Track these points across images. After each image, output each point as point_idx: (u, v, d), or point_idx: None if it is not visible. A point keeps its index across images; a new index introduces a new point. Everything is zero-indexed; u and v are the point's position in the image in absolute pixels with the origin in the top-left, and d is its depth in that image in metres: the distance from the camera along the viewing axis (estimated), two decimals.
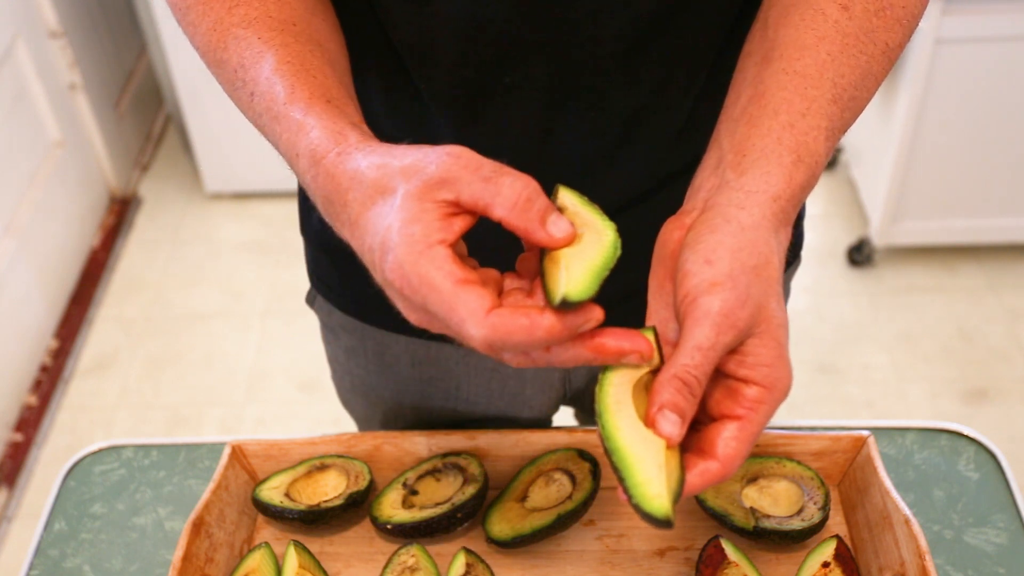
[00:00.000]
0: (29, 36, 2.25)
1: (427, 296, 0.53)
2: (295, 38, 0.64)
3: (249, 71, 0.63)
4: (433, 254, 0.53)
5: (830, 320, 2.30)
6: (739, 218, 0.58)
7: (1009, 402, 2.11)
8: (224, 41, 0.65)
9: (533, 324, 0.52)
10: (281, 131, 0.61)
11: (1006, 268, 2.38)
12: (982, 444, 0.89)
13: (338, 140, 0.58)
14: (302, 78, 0.62)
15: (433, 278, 0.53)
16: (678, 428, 0.55)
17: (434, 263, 0.53)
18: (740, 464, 0.57)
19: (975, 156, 2.16)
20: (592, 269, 0.54)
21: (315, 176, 0.58)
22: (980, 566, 0.80)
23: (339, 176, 0.57)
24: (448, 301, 0.53)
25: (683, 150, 0.77)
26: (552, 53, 0.70)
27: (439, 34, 0.69)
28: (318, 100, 0.61)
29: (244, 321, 2.38)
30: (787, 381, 0.57)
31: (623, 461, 0.55)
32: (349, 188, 0.56)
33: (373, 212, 0.55)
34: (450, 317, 0.53)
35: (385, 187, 0.55)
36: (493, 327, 0.52)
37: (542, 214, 0.54)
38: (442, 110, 0.75)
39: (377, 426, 1.03)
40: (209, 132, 2.52)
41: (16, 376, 2.14)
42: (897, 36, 0.65)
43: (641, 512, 0.54)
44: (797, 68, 0.62)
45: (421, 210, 0.54)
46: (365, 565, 0.82)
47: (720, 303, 0.55)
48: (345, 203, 0.57)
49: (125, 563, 0.84)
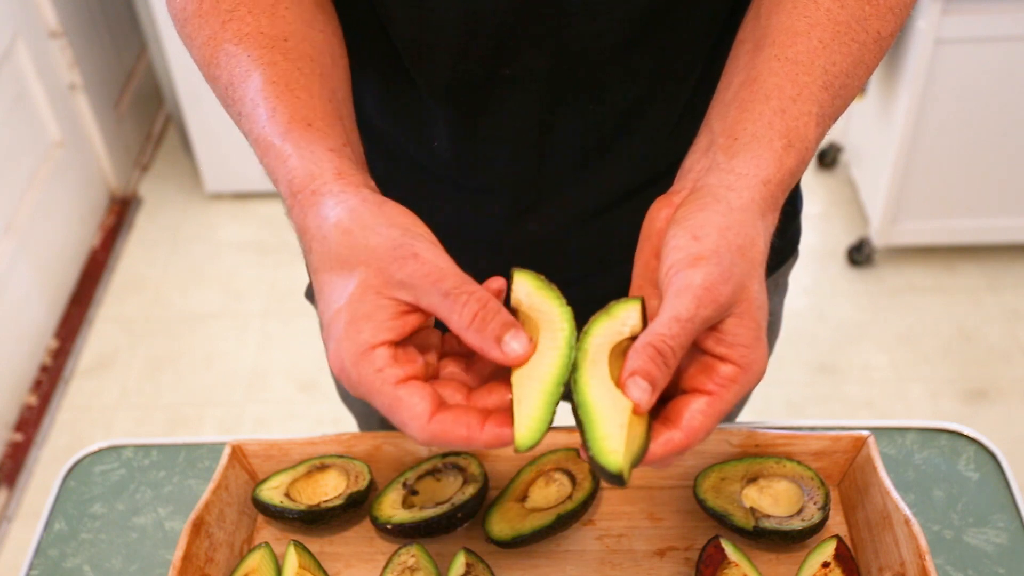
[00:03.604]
0: (29, 36, 2.25)
1: (368, 395, 0.56)
2: (284, 56, 0.64)
3: (237, 90, 0.64)
4: (374, 357, 0.55)
5: (830, 320, 2.30)
6: (728, 199, 0.59)
7: (1009, 402, 2.11)
8: (216, 57, 0.65)
9: (471, 437, 0.55)
10: (262, 155, 0.62)
11: (1006, 268, 2.38)
12: (982, 444, 0.89)
13: (313, 176, 0.59)
14: (284, 100, 0.62)
15: (373, 382, 0.55)
16: (647, 395, 0.55)
17: (374, 365, 0.55)
18: (703, 438, 0.57)
19: (975, 156, 2.16)
20: (545, 393, 0.56)
21: (291, 208, 0.60)
22: (980, 566, 0.80)
23: (308, 222, 0.59)
24: (390, 403, 0.55)
25: (681, 141, 0.77)
26: (550, 46, 0.70)
27: (437, 28, 0.70)
28: (298, 124, 0.61)
29: (244, 321, 2.38)
30: (762, 364, 0.58)
31: (587, 415, 0.56)
32: (313, 239, 0.58)
33: (331, 279, 0.57)
34: (392, 416, 0.56)
35: (346, 262, 0.57)
36: (433, 434, 0.55)
37: (497, 334, 0.55)
38: (440, 105, 0.75)
39: (377, 422, 1.03)
40: (209, 132, 2.52)
41: (16, 376, 2.14)
42: (889, 25, 0.65)
43: (595, 465, 0.54)
44: (789, 55, 0.62)
45: (375, 307, 0.55)
46: (365, 565, 0.82)
47: (703, 276, 0.55)
48: (310, 250, 0.59)
49: (125, 563, 0.84)
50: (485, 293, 0.56)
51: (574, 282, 0.76)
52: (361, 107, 0.80)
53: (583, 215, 0.82)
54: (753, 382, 0.58)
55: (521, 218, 0.81)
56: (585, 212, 0.82)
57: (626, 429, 0.54)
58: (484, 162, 0.78)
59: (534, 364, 0.57)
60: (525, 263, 0.83)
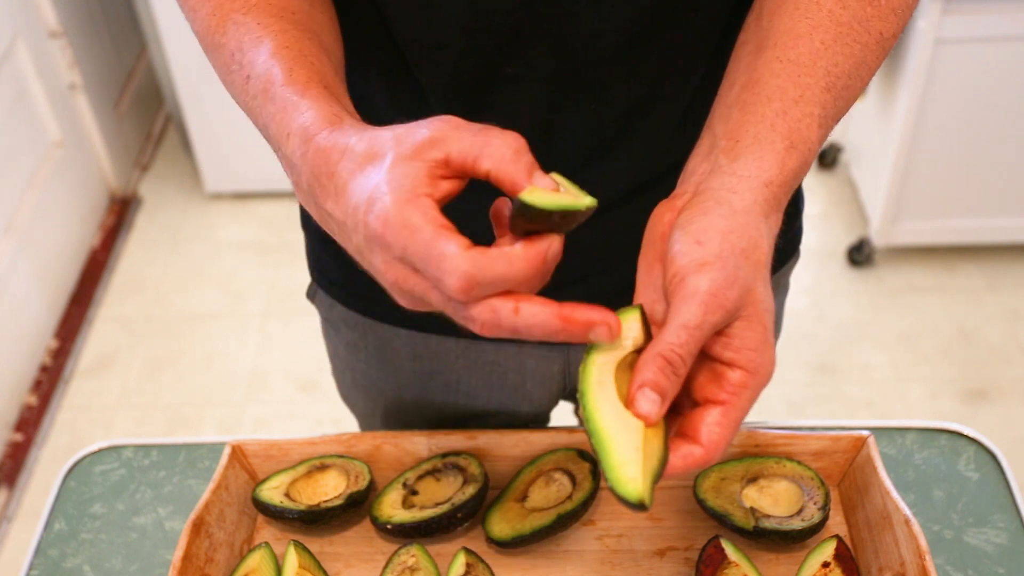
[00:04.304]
0: (29, 36, 2.25)
1: (407, 241, 0.53)
2: (294, 25, 0.65)
3: (247, 54, 0.63)
4: (419, 203, 0.54)
5: (830, 320, 2.30)
6: (731, 201, 0.59)
7: (1009, 402, 2.11)
8: (223, 26, 0.65)
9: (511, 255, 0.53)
10: (275, 111, 0.61)
11: (1006, 268, 2.38)
12: (982, 444, 0.89)
13: (332, 121, 0.59)
14: (300, 63, 0.62)
15: (416, 222, 0.53)
16: (657, 407, 0.55)
17: (419, 209, 0.53)
18: (724, 450, 0.57)
19: (975, 156, 2.16)
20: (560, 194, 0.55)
21: (304, 153, 0.59)
22: (980, 566, 0.80)
23: (330, 150, 0.57)
24: (428, 242, 0.53)
25: (683, 141, 0.77)
26: (553, 44, 0.70)
27: (441, 26, 0.70)
28: (315, 84, 0.61)
29: (244, 321, 2.38)
30: (770, 367, 0.58)
31: (600, 443, 0.55)
32: (340, 159, 0.57)
33: (362, 176, 0.56)
34: (429, 259, 0.53)
35: (375, 154, 0.56)
36: (473, 260, 0.52)
37: (529, 168, 0.55)
38: (443, 103, 0.75)
39: (378, 421, 1.03)
40: (209, 132, 2.52)
41: (16, 376, 2.14)
42: (891, 26, 0.65)
43: (616, 494, 0.54)
44: (791, 56, 0.62)
45: (411, 167, 0.54)
46: (365, 565, 0.82)
47: (709, 282, 0.55)
48: (333, 174, 0.57)
49: (125, 563, 0.84)
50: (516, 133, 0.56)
51: (576, 281, 0.76)
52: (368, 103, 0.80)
53: None
54: (763, 385, 0.58)
55: None
56: None
57: (642, 451, 0.54)
58: None
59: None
60: None
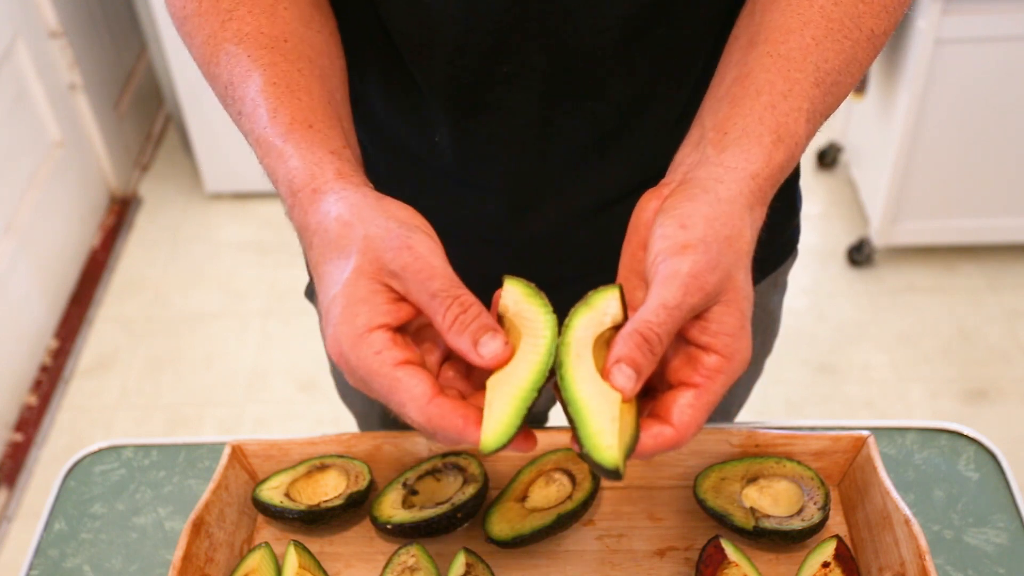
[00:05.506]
0: (29, 36, 2.25)
1: (366, 377, 0.56)
2: (284, 56, 0.65)
3: (237, 89, 0.64)
4: (372, 339, 0.55)
5: (830, 320, 2.30)
6: (717, 190, 0.60)
7: (1009, 402, 2.11)
8: (216, 56, 0.66)
9: (466, 427, 0.55)
10: (262, 155, 0.63)
11: (1006, 268, 2.38)
12: (982, 444, 0.89)
13: (314, 176, 0.60)
14: (286, 101, 0.63)
15: (371, 363, 0.55)
16: (632, 383, 0.55)
17: (372, 348, 0.55)
18: (695, 432, 0.57)
19: (975, 156, 2.16)
20: (516, 398, 0.56)
21: (291, 207, 0.61)
22: (980, 566, 0.80)
23: (308, 219, 0.60)
24: (389, 384, 0.55)
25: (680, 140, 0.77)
26: (549, 42, 0.70)
27: (437, 24, 0.70)
28: (299, 125, 0.62)
29: (244, 321, 2.38)
30: (746, 354, 0.58)
31: (578, 411, 0.55)
32: (315, 234, 0.59)
33: (329, 267, 0.58)
34: (391, 398, 0.56)
35: (343, 250, 0.57)
36: (430, 417, 0.55)
37: (475, 337, 0.56)
38: (440, 101, 0.75)
39: (376, 421, 1.03)
40: (209, 132, 2.52)
41: (16, 376, 2.14)
42: (883, 23, 0.65)
43: (590, 461, 0.54)
44: (781, 51, 0.63)
45: (370, 291, 0.56)
46: (365, 565, 0.82)
47: (691, 264, 0.56)
48: (310, 246, 0.60)
49: (125, 563, 0.84)
50: (470, 297, 0.56)
51: (573, 279, 0.76)
52: (366, 102, 0.80)
53: (583, 212, 0.82)
54: (738, 371, 0.58)
55: (521, 215, 0.81)
56: (585, 209, 0.82)
57: (618, 422, 0.54)
58: (484, 159, 0.79)
59: (511, 369, 0.57)
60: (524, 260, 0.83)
